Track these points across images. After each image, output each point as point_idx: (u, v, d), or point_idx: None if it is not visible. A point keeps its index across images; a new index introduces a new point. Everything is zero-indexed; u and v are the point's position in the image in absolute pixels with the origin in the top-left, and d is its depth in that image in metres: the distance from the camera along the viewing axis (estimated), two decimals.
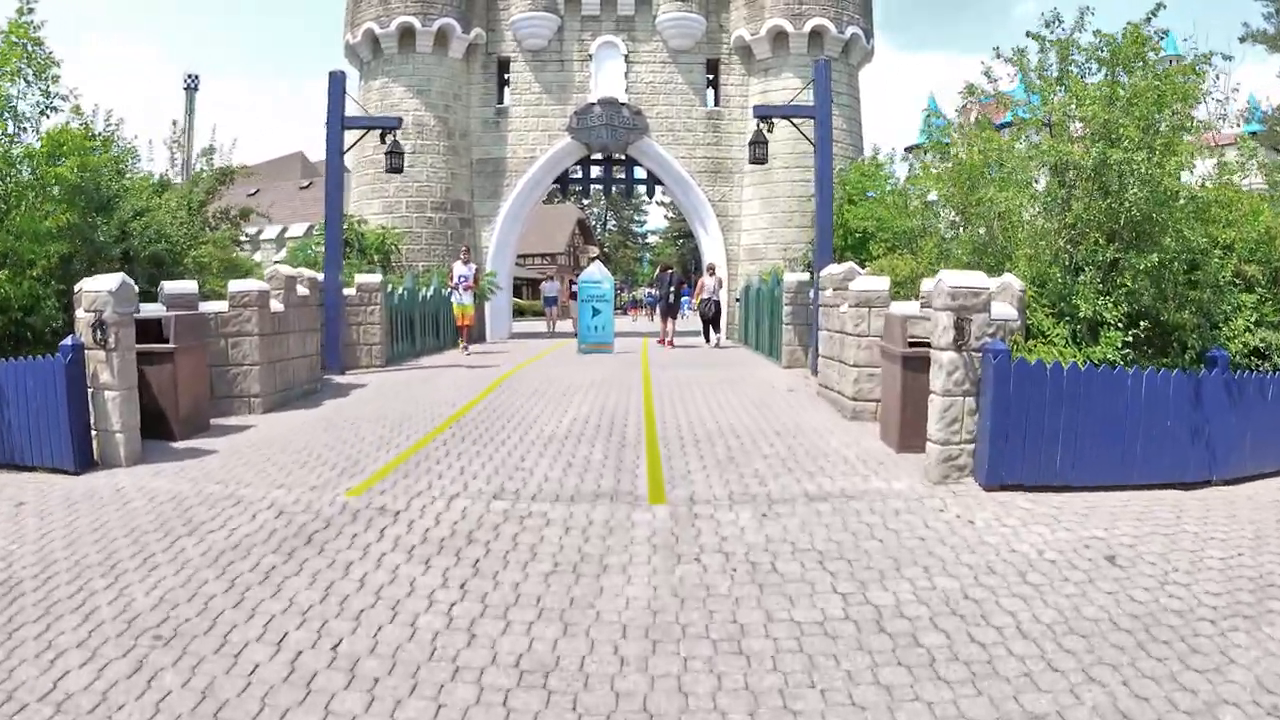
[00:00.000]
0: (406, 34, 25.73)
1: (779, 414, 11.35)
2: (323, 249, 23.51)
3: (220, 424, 10.79)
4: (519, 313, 38.11)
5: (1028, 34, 11.58)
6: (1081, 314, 9.71)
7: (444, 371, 16.09)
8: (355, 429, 10.31)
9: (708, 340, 23.68)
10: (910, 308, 11.16)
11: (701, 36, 27.31)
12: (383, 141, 16.34)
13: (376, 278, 16.99)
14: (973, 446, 8.10)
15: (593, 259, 71.12)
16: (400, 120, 16.44)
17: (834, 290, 12.37)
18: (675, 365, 17.24)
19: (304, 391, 13.19)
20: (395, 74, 26.03)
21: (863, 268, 12.96)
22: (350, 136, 21.64)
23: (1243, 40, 25.14)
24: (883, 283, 11.39)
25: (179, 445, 9.61)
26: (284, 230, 32.94)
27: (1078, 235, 10.17)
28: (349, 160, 27.07)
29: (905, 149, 59.63)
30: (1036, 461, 7.86)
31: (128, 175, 14.75)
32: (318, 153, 27.15)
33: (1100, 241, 10.06)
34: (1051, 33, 10.83)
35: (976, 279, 8.34)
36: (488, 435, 9.77)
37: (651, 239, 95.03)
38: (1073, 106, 10.27)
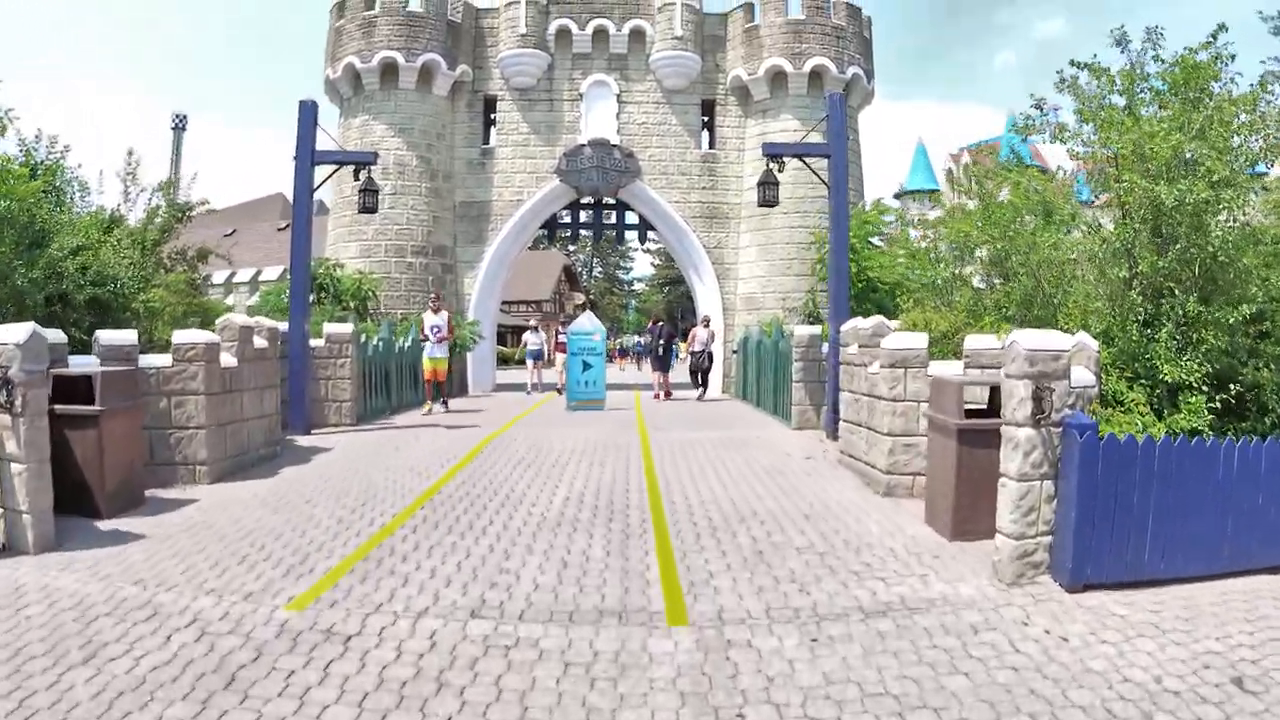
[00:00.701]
0: (389, 69, 24.48)
1: (801, 488, 9.91)
2: None
3: (159, 496, 9.32)
4: (503, 361, 36.67)
5: (1073, 63, 10.38)
6: (1163, 376, 8.36)
7: (420, 433, 14.57)
8: (311, 508, 8.79)
9: (697, 391, 22.87)
10: (953, 369, 9.88)
11: (697, 76, 26.20)
12: (356, 179, 14.94)
13: (347, 328, 15.52)
14: (1050, 539, 6.77)
15: (579, 306, 69.95)
16: (375, 155, 15.03)
17: (860, 347, 10.99)
18: (673, 424, 15.80)
19: (260, 457, 11.67)
20: (376, 111, 24.74)
21: (891, 321, 11.58)
22: (334, 178, 20.42)
23: None
24: (920, 340, 10.03)
25: (104, 526, 8.12)
26: (258, 273, 31.56)
27: (1153, 285, 8.84)
28: (325, 199, 25.79)
29: (894, 194, 59.04)
30: (1123, 553, 6.60)
31: (72, 209, 13.27)
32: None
33: (1176, 292, 8.75)
34: (1124, 51, 9.58)
35: (1055, 340, 6.99)
36: (466, 519, 8.26)
37: (638, 286, 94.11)
38: (1140, 139, 8.96)
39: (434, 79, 24.74)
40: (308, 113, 14.23)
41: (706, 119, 26.98)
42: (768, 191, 14.81)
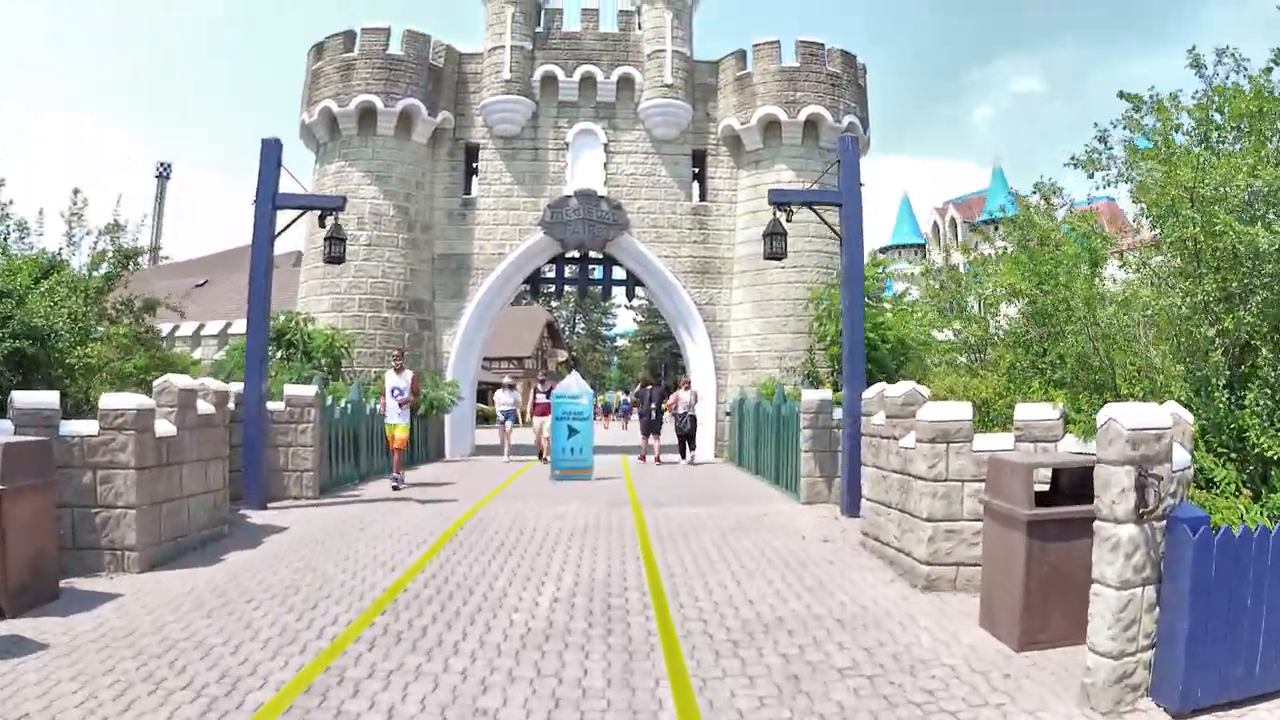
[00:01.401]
0: (367, 114, 23.33)
1: (827, 582, 8.54)
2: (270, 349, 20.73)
3: (77, 588, 7.98)
4: (485, 419, 35.10)
5: (1121, 94, 9.30)
6: (1256, 448, 7.10)
7: (389, 508, 13.10)
8: (252, 611, 7.34)
9: (683, 456, 22.23)
10: (1003, 442, 8.63)
11: (687, 126, 25.19)
12: (322, 225, 13.61)
13: (310, 390, 14.11)
14: (1151, 654, 5.56)
15: (561, 363, 68.64)
16: (344, 200, 13.71)
17: (888, 418, 9.69)
18: (669, 497, 14.40)
19: (203, 539, 10.22)
20: (353, 158, 23.52)
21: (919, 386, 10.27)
22: (310, 226, 19.03)
23: None
24: (963, 411, 8.74)
25: (1, 629, 6.71)
26: (228, 325, 30.09)
27: (1236, 343, 7.61)
28: (300, 248, 24.48)
29: (879, 249, 58.36)
30: (1233, 668, 5.49)
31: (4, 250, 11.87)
32: (279, 244, 24.40)
33: (1264, 351, 7.53)
34: (1220, 64, 8.45)
35: (1155, 415, 5.79)
36: (435, 630, 6.82)
37: (620, 342, 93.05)
38: (1227, 172, 7.79)
39: (414, 125, 23.61)
40: (271, 152, 12.97)
41: (697, 170, 25.95)
42: (775, 243, 13.57)
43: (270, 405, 13.73)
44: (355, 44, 23.62)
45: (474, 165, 25.28)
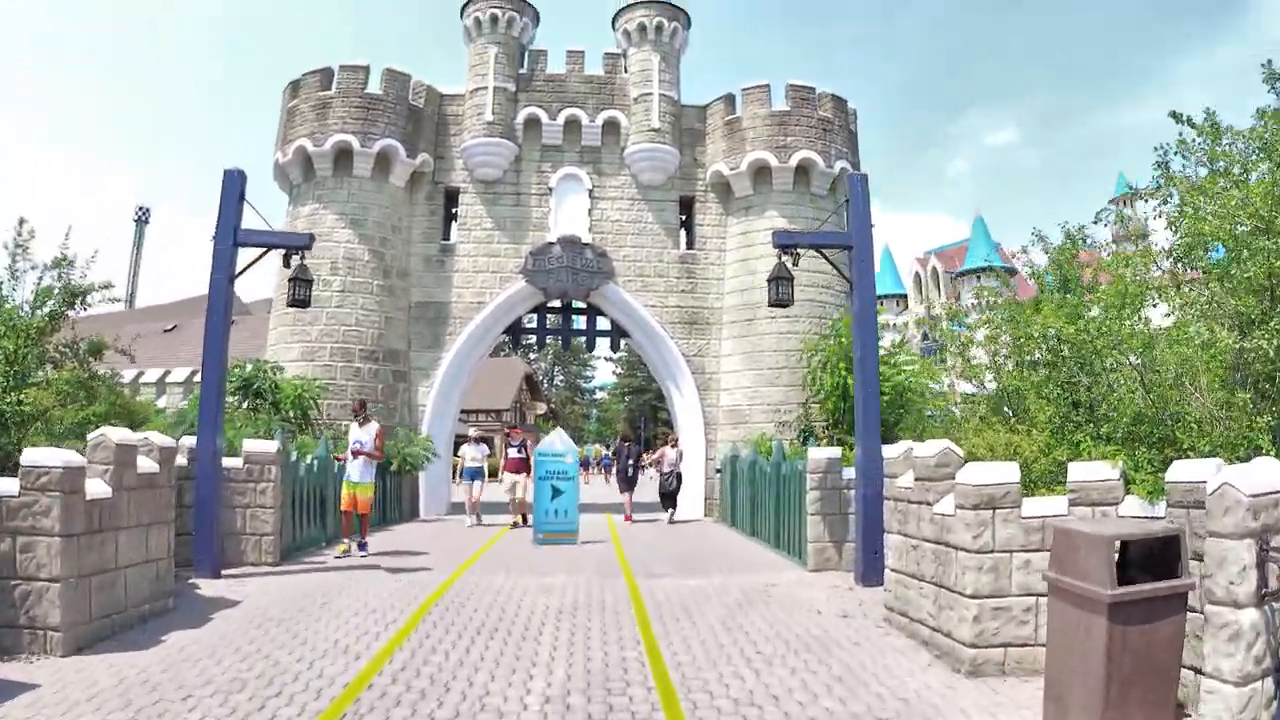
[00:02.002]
0: (343, 155, 22.32)
1: (858, 671, 7.41)
2: (233, 397, 19.45)
3: None
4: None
5: (1172, 115, 8.45)
6: None
7: (355, 578, 11.84)
8: (185, 715, 6.14)
9: (665, 513, 21.54)
10: (1054, 507, 7.63)
11: (675, 171, 24.35)
12: (286, 265, 12.51)
13: (271, 446, 12.92)
14: None
15: (540, 416, 67.37)
16: (310, 238, 12.59)
17: (919, 480, 8.65)
18: (663, 566, 13.20)
19: (142, 615, 9.00)
20: (327, 200, 22.44)
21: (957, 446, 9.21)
22: (272, 268, 17.80)
23: None
24: (1010, 473, 7.73)
25: None
26: (193, 373, 28.72)
27: None
28: (264, 290, 23.28)
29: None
30: None
31: None
32: (253, 290, 23.29)
33: None
34: (1272, 89, 7.59)
35: (1274, 475, 4.77)
36: None
37: (599, 395, 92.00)
38: None
39: (391, 167, 22.64)
40: (233, 184, 11.93)
41: (684, 217, 25.09)
42: (780, 288, 12.55)
43: (227, 462, 12.54)
44: (333, 82, 22.70)
45: (454, 210, 24.30)
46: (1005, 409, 10.73)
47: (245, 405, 19.15)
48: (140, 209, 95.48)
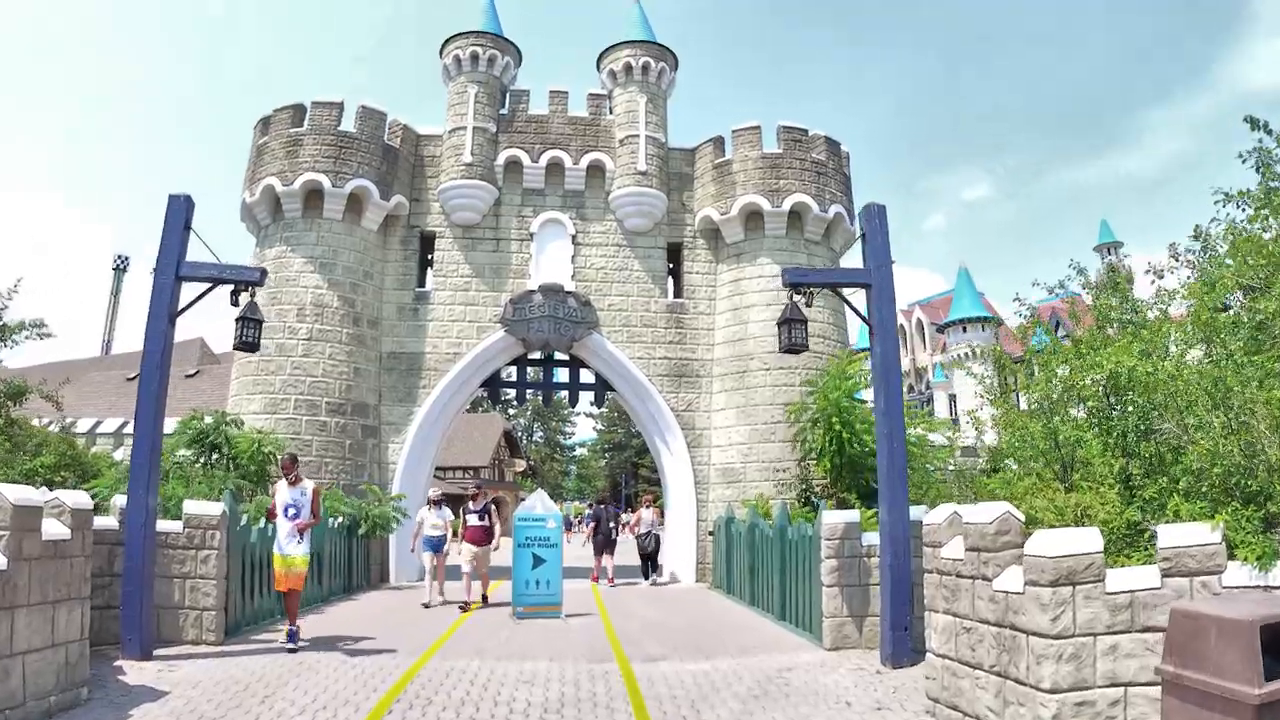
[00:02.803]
0: (313, 195, 21.03)
1: None
2: (189, 451, 17.98)
3: None
4: None
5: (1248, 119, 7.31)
6: None
7: (307, 663, 10.24)
8: None
9: (645, 577, 21.11)
10: (1146, 578, 6.34)
11: (662, 217, 23.20)
12: (233, 303, 11.08)
13: (215, 508, 11.40)
14: None
15: (519, 473, 65.60)
16: (262, 272, 11.11)
17: (972, 550, 7.31)
18: (661, 645, 11.64)
19: (46, 711, 7.50)
20: (295, 242, 21.08)
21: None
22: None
23: None
24: (1091, 541, 6.41)
25: None
26: None
27: None
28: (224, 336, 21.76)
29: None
30: None
31: None
32: (225, 340, 21.78)
33: None
34: None
35: None
36: None
37: (579, 451, 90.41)
38: None
39: (364, 209, 21.36)
40: (178, 211, 10.57)
41: (672, 265, 23.89)
42: (794, 332, 11.19)
43: (164, 526, 11.04)
44: (305, 119, 21.49)
45: (429, 256, 23.02)
46: (1049, 462, 9.45)
47: (200, 463, 17.66)
48: (119, 257, 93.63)
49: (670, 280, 23.84)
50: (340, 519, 17.76)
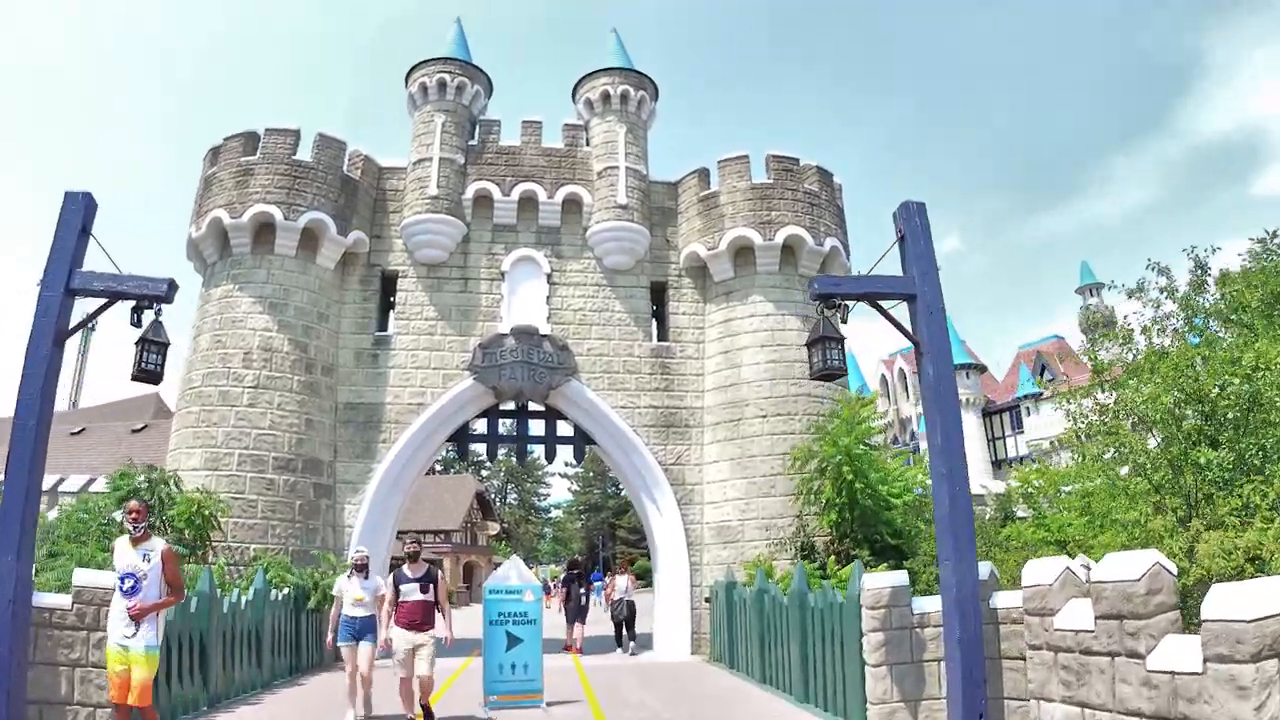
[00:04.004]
0: (264, 229, 19.12)
1: None
2: (116, 512, 16.05)
3: None
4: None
5: None
6: None
7: None
8: None
9: (619, 644, 20.20)
10: None
11: (644, 254, 21.47)
12: (135, 323, 8.99)
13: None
14: None
15: (493, 537, 62.97)
16: (170, 283, 8.96)
17: (1108, 619, 5.38)
18: None
19: None
20: (244, 280, 19.07)
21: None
22: (186, 361, 13.83)
23: None
24: (1272, 603, 4.52)
25: None
26: (90, 481, 24.64)
27: None
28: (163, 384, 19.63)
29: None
30: None
31: None
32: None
33: None
34: None
35: None
36: None
37: (555, 513, 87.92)
38: None
39: (320, 245, 19.45)
40: (74, 211, 8.62)
41: (656, 306, 22.10)
42: (829, 352, 9.27)
43: (49, 601, 8.92)
44: (258, 147, 19.67)
45: (391, 297, 21.04)
46: (1168, 495, 7.62)
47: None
48: (88, 314, 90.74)
49: (654, 322, 22.04)
50: (286, 590, 15.60)
